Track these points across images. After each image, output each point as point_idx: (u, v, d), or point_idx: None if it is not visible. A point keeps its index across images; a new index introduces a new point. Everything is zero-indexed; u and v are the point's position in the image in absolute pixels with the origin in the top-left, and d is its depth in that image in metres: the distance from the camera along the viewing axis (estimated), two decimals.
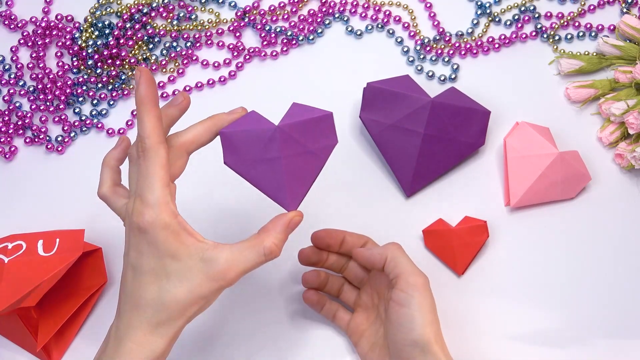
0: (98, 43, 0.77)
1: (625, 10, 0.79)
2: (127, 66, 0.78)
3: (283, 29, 0.79)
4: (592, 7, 0.80)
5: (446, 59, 0.77)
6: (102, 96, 0.77)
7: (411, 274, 0.60)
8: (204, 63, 0.79)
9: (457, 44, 0.78)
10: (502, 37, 0.78)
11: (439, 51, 0.78)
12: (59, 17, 0.80)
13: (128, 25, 0.78)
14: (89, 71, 0.78)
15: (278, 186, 0.54)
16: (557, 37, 0.78)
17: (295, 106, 0.56)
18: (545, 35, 0.78)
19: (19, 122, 0.76)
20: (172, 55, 0.79)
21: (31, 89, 0.77)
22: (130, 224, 0.52)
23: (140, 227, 0.51)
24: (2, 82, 0.78)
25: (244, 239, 0.54)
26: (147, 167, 0.51)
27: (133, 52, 0.78)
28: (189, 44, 0.79)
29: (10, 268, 0.63)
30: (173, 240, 0.51)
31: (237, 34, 0.80)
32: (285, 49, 0.79)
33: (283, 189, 0.54)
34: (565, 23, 0.79)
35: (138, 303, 0.52)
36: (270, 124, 0.54)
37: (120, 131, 0.76)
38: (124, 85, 0.77)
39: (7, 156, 0.75)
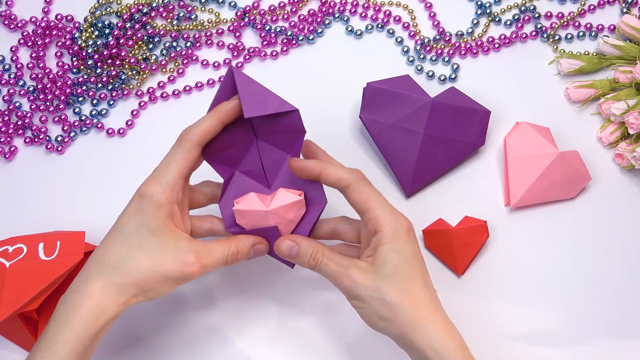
0: (98, 43, 0.77)
1: (625, 10, 0.79)
2: (127, 66, 0.78)
3: (283, 29, 0.79)
4: (592, 7, 0.80)
5: (446, 59, 0.77)
6: (102, 96, 0.77)
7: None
8: (204, 63, 0.79)
9: (457, 44, 0.78)
10: (502, 37, 0.78)
11: (439, 51, 0.78)
12: (58, 17, 0.80)
13: (128, 25, 0.78)
14: (89, 71, 0.77)
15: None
16: (557, 37, 0.78)
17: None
18: (545, 35, 0.78)
19: (19, 122, 0.76)
20: (172, 55, 0.79)
21: (31, 89, 0.77)
22: (138, 189, 0.56)
23: (141, 193, 0.55)
24: (2, 82, 0.78)
25: (217, 239, 0.58)
26: (175, 152, 0.56)
27: (133, 52, 0.78)
28: (189, 44, 0.79)
29: (12, 274, 0.62)
30: (159, 219, 0.54)
31: (237, 34, 0.80)
32: (285, 49, 0.79)
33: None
34: (565, 23, 0.79)
35: (102, 259, 0.55)
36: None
37: (120, 131, 0.76)
38: (123, 85, 0.77)
39: (7, 156, 0.75)
